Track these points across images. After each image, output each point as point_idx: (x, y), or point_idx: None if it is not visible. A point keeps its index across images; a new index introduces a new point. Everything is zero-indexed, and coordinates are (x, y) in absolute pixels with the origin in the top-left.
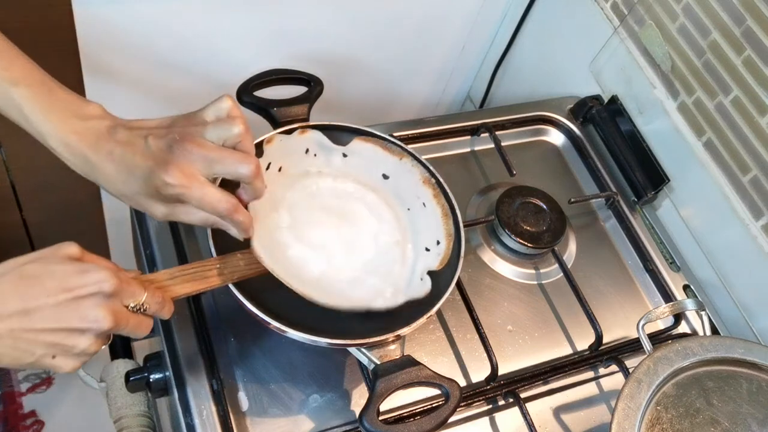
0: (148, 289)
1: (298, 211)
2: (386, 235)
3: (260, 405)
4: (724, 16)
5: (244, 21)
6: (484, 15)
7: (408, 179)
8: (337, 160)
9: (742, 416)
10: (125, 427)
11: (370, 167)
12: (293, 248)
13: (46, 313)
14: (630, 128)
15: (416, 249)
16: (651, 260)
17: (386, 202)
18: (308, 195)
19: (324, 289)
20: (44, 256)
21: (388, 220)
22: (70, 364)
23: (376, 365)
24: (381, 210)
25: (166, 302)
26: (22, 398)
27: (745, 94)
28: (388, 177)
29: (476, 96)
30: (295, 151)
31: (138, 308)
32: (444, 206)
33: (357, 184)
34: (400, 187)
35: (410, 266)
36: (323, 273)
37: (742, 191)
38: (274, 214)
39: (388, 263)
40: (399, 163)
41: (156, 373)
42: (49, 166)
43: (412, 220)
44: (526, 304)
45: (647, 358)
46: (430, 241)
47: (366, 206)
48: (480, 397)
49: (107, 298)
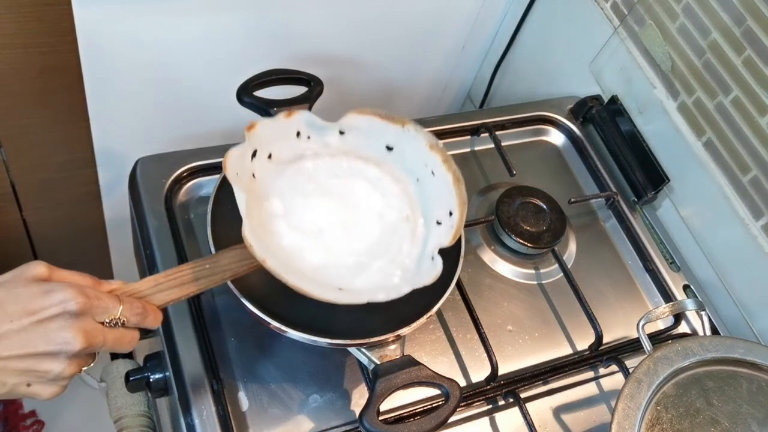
0: (125, 302)
1: (291, 197)
2: (393, 210)
3: (260, 405)
4: (724, 16)
5: (244, 21)
6: (484, 15)
7: (414, 147)
8: (334, 139)
9: (742, 416)
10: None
11: (371, 140)
12: (288, 238)
13: (11, 339)
14: (630, 128)
15: (428, 224)
16: (651, 260)
17: (392, 175)
18: (303, 179)
19: (323, 280)
20: (8, 280)
21: (395, 194)
22: (49, 390)
23: (376, 365)
24: (386, 184)
25: (149, 312)
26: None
27: (745, 94)
28: (392, 148)
29: (476, 96)
30: (284, 135)
31: (115, 323)
32: (455, 171)
33: (358, 160)
34: (406, 157)
35: (421, 244)
36: (323, 261)
37: (742, 191)
38: (265, 204)
39: (396, 242)
40: (402, 131)
41: (156, 373)
42: (49, 166)
43: (422, 191)
44: (526, 304)
45: (647, 358)
46: (442, 212)
47: (368, 182)
48: (480, 397)
49: (74, 318)
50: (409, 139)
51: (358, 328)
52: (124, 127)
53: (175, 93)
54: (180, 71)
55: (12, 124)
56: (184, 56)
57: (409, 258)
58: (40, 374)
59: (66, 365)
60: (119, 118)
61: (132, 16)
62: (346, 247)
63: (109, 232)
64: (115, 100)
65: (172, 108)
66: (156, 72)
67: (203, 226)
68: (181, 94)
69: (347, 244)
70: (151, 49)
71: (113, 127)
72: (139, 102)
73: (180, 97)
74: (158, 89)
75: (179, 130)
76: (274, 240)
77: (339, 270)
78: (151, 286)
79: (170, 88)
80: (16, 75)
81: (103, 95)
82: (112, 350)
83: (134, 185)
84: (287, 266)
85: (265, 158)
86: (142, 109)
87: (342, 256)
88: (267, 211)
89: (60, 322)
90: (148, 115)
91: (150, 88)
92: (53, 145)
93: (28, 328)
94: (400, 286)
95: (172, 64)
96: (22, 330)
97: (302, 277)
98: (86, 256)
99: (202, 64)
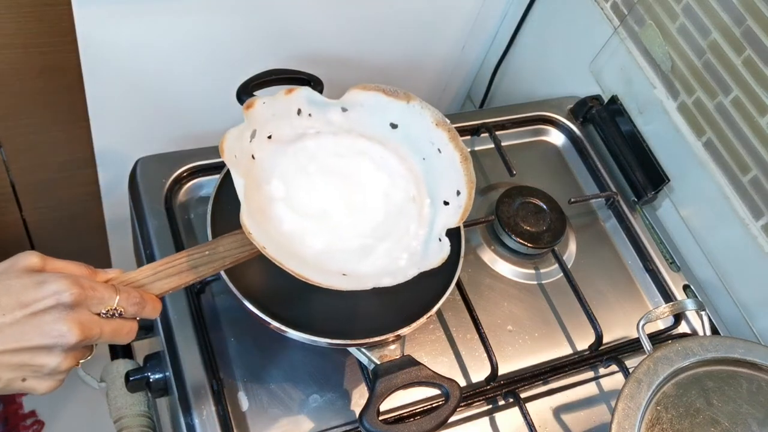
0: (122, 291)
1: (292, 178)
2: (399, 190)
3: (260, 405)
4: (724, 16)
5: (245, 21)
6: (484, 15)
7: (419, 124)
8: (336, 117)
9: (742, 416)
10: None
11: (375, 117)
12: (289, 222)
13: (5, 333)
14: (630, 128)
15: (434, 204)
16: (651, 260)
17: (397, 154)
18: (305, 159)
19: (327, 266)
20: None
21: (400, 174)
22: (45, 384)
23: (376, 365)
24: (391, 163)
25: (147, 302)
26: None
27: (745, 94)
28: (397, 126)
29: (476, 96)
30: (284, 114)
31: (112, 313)
32: (462, 149)
33: (361, 139)
34: (412, 135)
35: (428, 225)
36: (327, 245)
37: (742, 191)
38: (265, 187)
39: (403, 224)
40: (407, 107)
41: (156, 373)
42: (49, 166)
43: (428, 170)
44: (526, 304)
45: (647, 358)
46: (449, 192)
47: (373, 162)
48: (480, 397)
49: (69, 310)
50: (414, 115)
51: (358, 328)
52: (124, 127)
53: (176, 93)
54: (180, 71)
55: (12, 124)
56: (185, 56)
57: (416, 239)
58: (36, 368)
59: (62, 359)
60: (119, 118)
61: (132, 16)
62: (351, 230)
63: (109, 232)
64: (115, 100)
65: (172, 108)
66: (156, 72)
67: (203, 226)
68: (181, 94)
69: (352, 226)
70: (151, 49)
71: (113, 127)
72: (139, 102)
73: (180, 97)
74: (158, 89)
75: (179, 130)
76: (274, 225)
77: (343, 254)
78: (149, 274)
79: (170, 88)
80: (16, 75)
81: (103, 95)
82: (109, 342)
83: (134, 185)
84: (288, 252)
85: (265, 138)
86: (142, 109)
87: (346, 239)
88: (267, 195)
89: (54, 315)
90: (148, 115)
91: (150, 88)
92: (53, 145)
93: (21, 321)
94: (407, 270)
95: (173, 64)
96: (16, 323)
97: (304, 264)
98: (86, 256)
99: (203, 63)
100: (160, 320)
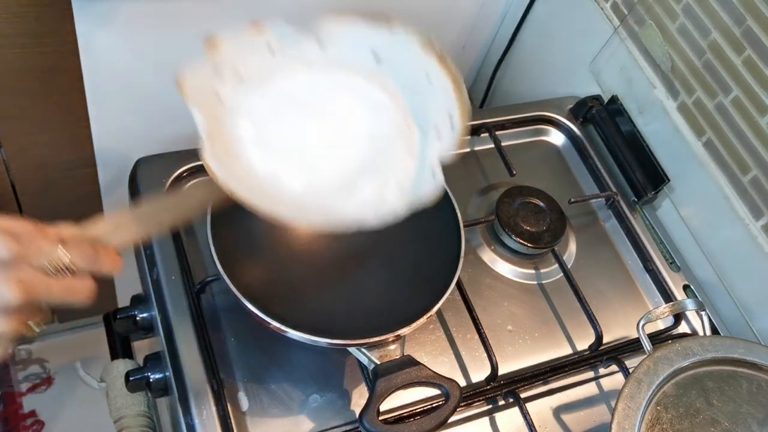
0: (72, 245)
1: (262, 117)
2: (384, 123)
3: (260, 405)
4: (724, 16)
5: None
6: (484, 15)
7: (406, 52)
8: (312, 52)
9: (742, 416)
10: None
11: (356, 51)
12: (262, 162)
13: None
14: (630, 128)
15: (424, 132)
16: (651, 260)
17: (380, 85)
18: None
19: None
20: None
21: (385, 106)
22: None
23: (376, 365)
24: (374, 95)
25: (101, 255)
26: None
27: (745, 94)
28: (381, 59)
29: (476, 96)
30: (253, 50)
31: (60, 268)
32: (454, 73)
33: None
34: (398, 66)
35: (418, 155)
36: (307, 187)
37: (742, 191)
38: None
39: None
40: (390, 35)
41: (156, 373)
42: (49, 166)
43: (417, 100)
44: (526, 304)
45: (647, 358)
46: (440, 118)
47: (354, 95)
48: (480, 397)
49: (7, 267)
50: (399, 44)
51: (358, 328)
52: (124, 127)
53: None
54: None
55: (12, 124)
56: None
57: (405, 172)
58: None
59: (6, 322)
60: (119, 118)
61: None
62: (333, 168)
63: None
64: (115, 100)
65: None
66: (156, 71)
67: (203, 226)
68: None
69: (333, 164)
70: (151, 49)
71: (113, 127)
72: (139, 102)
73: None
74: (158, 89)
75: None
76: (244, 167)
77: (325, 195)
78: (106, 227)
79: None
80: (16, 75)
81: (103, 95)
82: (63, 302)
83: (134, 185)
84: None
85: (232, 76)
86: (142, 109)
87: (328, 178)
88: (236, 136)
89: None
90: (148, 115)
91: (150, 87)
92: (53, 145)
93: None
94: (396, 207)
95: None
96: None
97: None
98: None
99: None
100: (160, 320)
